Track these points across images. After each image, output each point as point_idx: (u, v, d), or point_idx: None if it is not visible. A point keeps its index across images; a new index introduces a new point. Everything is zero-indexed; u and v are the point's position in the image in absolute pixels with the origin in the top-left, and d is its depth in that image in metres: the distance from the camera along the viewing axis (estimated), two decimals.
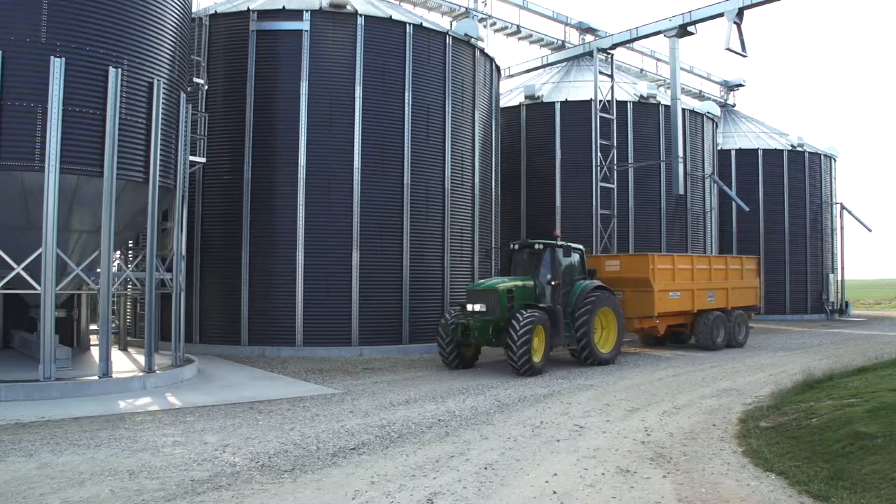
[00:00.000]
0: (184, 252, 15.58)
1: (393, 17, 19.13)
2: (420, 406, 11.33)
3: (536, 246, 16.53)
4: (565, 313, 16.08)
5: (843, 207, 38.79)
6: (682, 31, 24.79)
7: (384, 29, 18.92)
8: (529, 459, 8.02)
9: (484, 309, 15.18)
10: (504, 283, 15.66)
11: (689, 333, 21.29)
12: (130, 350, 17.04)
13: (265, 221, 18.08)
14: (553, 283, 16.11)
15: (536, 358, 14.71)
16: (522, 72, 31.81)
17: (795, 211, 35.59)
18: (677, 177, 25.55)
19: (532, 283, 16.06)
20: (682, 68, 28.53)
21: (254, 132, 18.18)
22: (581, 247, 17.60)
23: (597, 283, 17.03)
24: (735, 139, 36.68)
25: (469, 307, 15.43)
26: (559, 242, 16.69)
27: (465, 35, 20.84)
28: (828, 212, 37.30)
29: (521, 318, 14.43)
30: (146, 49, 13.38)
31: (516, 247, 17.08)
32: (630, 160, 26.24)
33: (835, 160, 38.54)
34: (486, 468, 7.64)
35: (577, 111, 26.36)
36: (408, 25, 19.17)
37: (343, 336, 18.00)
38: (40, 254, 11.81)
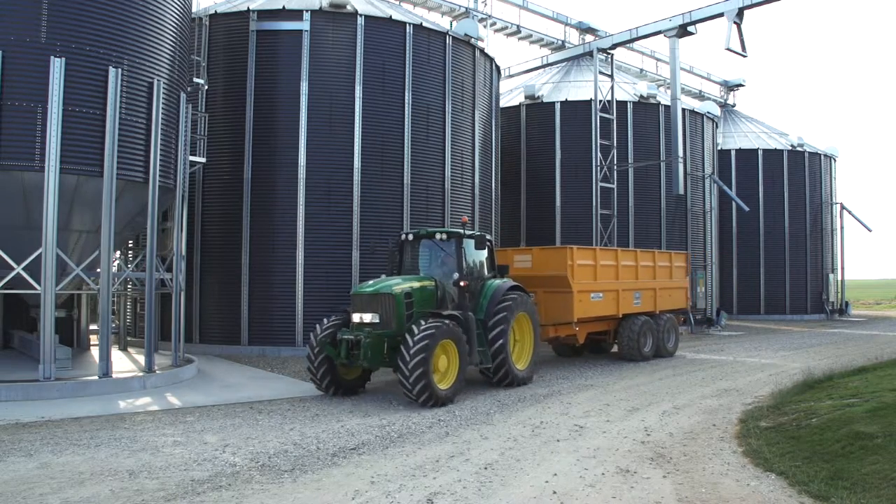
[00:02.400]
0: (184, 252, 15.58)
1: (393, 17, 19.13)
2: (420, 406, 11.32)
3: (439, 236, 13.09)
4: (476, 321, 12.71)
5: (843, 207, 38.80)
6: (682, 31, 24.80)
7: (384, 29, 18.92)
8: (529, 459, 8.02)
9: (377, 320, 11.66)
10: (400, 284, 12.12)
11: (611, 342, 18.01)
12: (130, 350, 17.04)
13: (265, 221, 18.07)
14: (462, 283, 12.57)
15: (444, 383, 11.36)
16: (522, 72, 31.81)
17: (795, 211, 35.59)
18: (677, 177, 25.55)
19: (432, 283, 12.60)
20: (682, 68, 28.55)
21: (254, 132, 18.17)
22: (490, 237, 14.44)
23: (510, 282, 13.72)
24: (735, 139, 36.68)
25: (356, 317, 11.85)
26: (469, 232, 13.29)
27: (465, 35, 20.84)
28: (828, 212, 37.29)
29: (415, 332, 10.92)
30: (146, 49, 13.38)
31: (410, 237, 13.61)
32: (630, 160, 26.24)
33: (835, 160, 38.55)
34: (486, 468, 7.64)
35: (577, 111, 26.37)
36: (408, 25, 19.17)
37: None
38: (40, 254, 11.82)
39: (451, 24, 25.15)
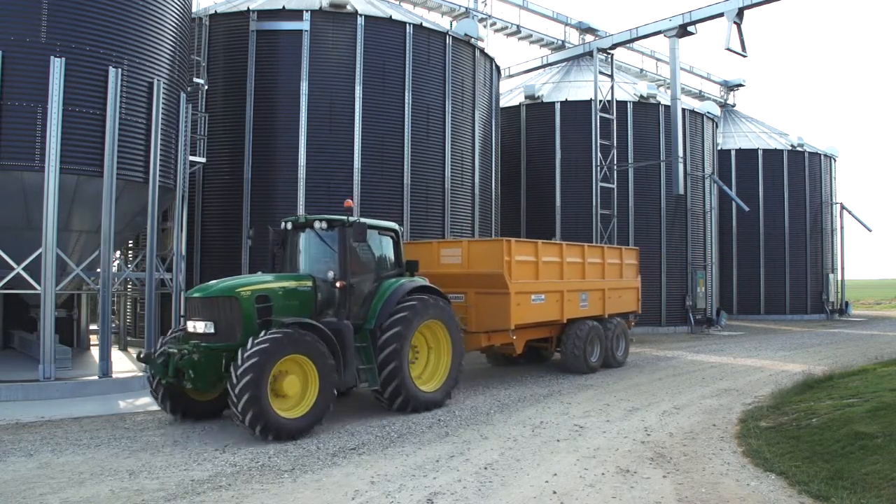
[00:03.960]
0: (184, 252, 15.59)
1: (393, 17, 19.13)
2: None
3: (318, 224, 10.63)
4: (362, 331, 10.44)
5: (843, 207, 38.81)
6: (682, 31, 24.79)
7: (384, 29, 18.91)
8: (529, 459, 8.02)
9: (211, 329, 9.37)
10: (252, 284, 9.87)
11: (553, 350, 15.77)
12: (130, 350, 17.04)
13: (265, 221, 18.02)
14: (339, 283, 10.22)
15: (296, 410, 9.04)
16: (522, 72, 31.81)
17: (795, 211, 35.59)
18: (677, 177, 25.55)
19: (309, 284, 10.26)
20: (682, 68, 28.54)
21: (254, 132, 18.17)
22: (394, 226, 11.81)
23: (418, 282, 11.38)
24: (735, 139, 36.69)
25: (189, 326, 9.60)
26: (353, 219, 10.52)
27: (465, 35, 20.84)
28: (828, 212, 37.29)
29: (247, 347, 8.69)
30: (146, 49, 13.38)
31: (290, 226, 11.22)
32: (630, 160, 26.24)
33: (835, 160, 38.56)
34: (486, 468, 7.64)
35: (577, 111, 26.36)
36: (408, 25, 19.17)
37: None
38: (40, 254, 11.82)
39: (451, 24, 25.14)
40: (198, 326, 9.48)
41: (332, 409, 9.38)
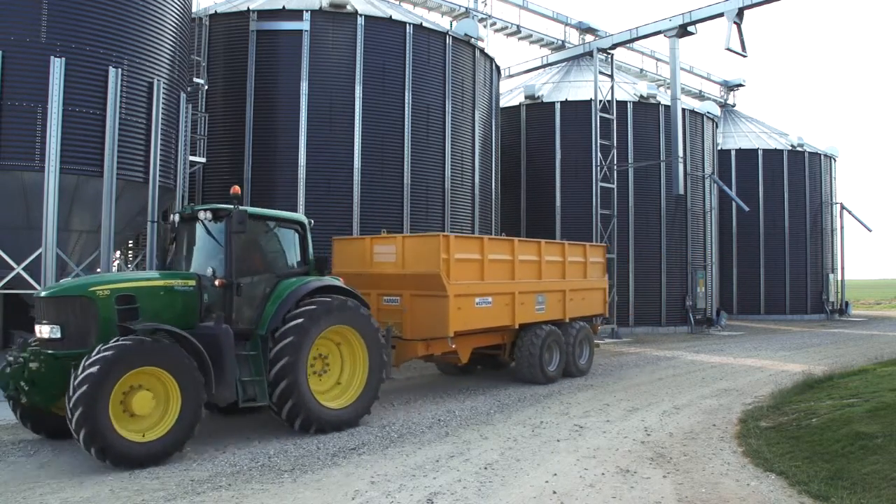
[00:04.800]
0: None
1: (393, 17, 19.13)
2: (420, 406, 11.33)
3: (203, 215, 9.45)
4: (253, 338, 9.16)
5: (843, 207, 38.80)
6: (682, 31, 24.78)
7: (384, 29, 18.91)
8: (529, 459, 8.02)
9: (57, 334, 8.10)
10: (115, 282, 8.66)
11: (507, 357, 14.19)
12: None
13: None
14: (218, 282, 8.95)
15: (153, 432, 7.82)
16: (522, 72, 31.80)
17: (795, 211, 35.58)
18: (677, 177, 25.55)
19: (191, 284, 8.98)
20: (682, 68, 28.53)
21: (254, 132, 18.16)
22: (300, 218, 10.51)
23: (326, 281, 9.97)
24: (735, 139, 36.68)
25: (37, 330, 8.37)
26: (241, 208, 9.02)
27: (465, 35, 20.84)
28: (828, 212, 37.28)
29: (90, 355, 7.56)
30: (146, 49, 13.38)
31: (177, 218, 9.94)
32: (630, 160, 26.23)
33: (835, 160, 38.56)
34: (485, 468, 7.64)
35: (577, 111, 26.35)
36: (408, 25, 19.17)
37: None
38: (40, 254, 11.83)
39: (451, 24, 25.14)
40: (43, 331, 8.17)
41: (196, 433, 8.09)
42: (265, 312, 9.27)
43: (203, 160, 16.82)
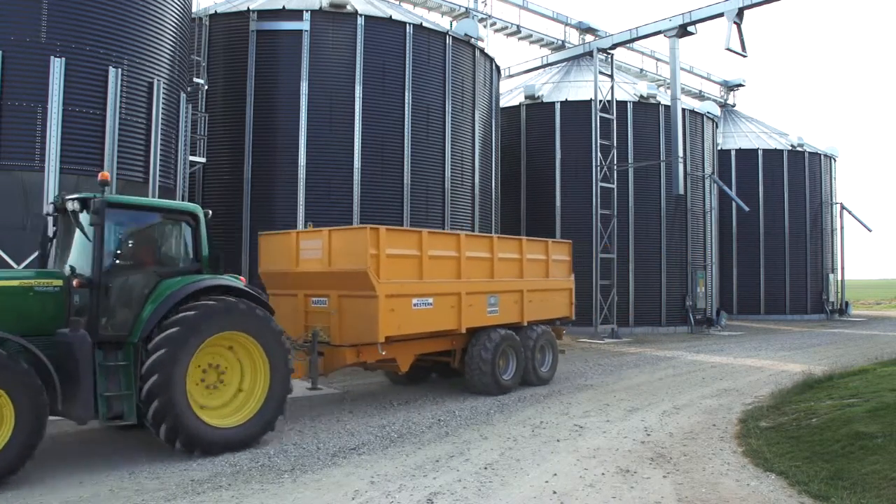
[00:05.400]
0: None
1: (393, 17, 19.13)
2: (420, 406, 11.33)
3: (70, 205, 8.28)
4: (126, 346, 7.93)
5: (843, 207, 38.81)
6: (682, 31, 24.79)
7: (384, 29, 18.91)
8: (529, 459, 8.02)
9: None
10: None
11: (457, 365, 12.63)
12: None
13: (265, 221, 18.03)
14: (75, 282, 7.76)
15: None
16: (522, 72, 31.80)
17: (795, 211, 35.59)
18: (677, 177, 25.55)
19: (55, 284, 7.81)
20: (682, 68, 28.53)
21: (254, 132, 18.17)
22: (190, 207, 9.21)
23: (219, 281, 8.68)
24: (735, 139, 36.69)
25: None
26: (104, 197, 7.95)
27: (465, 35, 20.85)
28: (828, 212, 37.29)
29: None
30: (146, 49, 13.39)
31: (51, 209, 8.91)
32: (630, 160, 26.23)
33: (835, 160, 38.56)
34: (485, 468, 7.64)
35: (577, 111, 26.35)
36: (408, 25, 19.17)
37: None
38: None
39: (451, 24, 25.14)
40: None
41: (32, 457, 7.00)
42: (139, 318, 8.01)
43: (203, 160, 16.83)
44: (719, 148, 33.97)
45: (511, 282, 13.27)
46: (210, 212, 9.41)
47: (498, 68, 23.35)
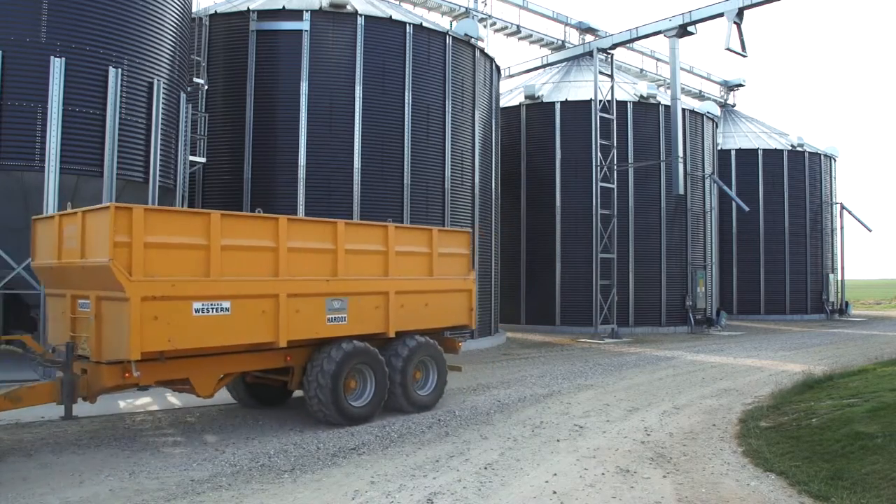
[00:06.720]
0: None
1: (393, 17, 19.13)
2: None
3: None
4: None
5: (843, 207, 38.82)
6: (682, 31, 24.79)
7: (384, 29, 18.92)
8: (529, 459, 8.02)
9: None
10: None
11: (294, 385, 10.08)
12: None
13: None
14: None
15: None
16: (522, 72, 31.81)
17: (795, 211, 35.60)
18: (677, 177, 25.54)
19: None
20: (682, 68, 28.54)
21: (254, 132, 18.17)
22: None
23: None
24: (735, 139, 36.69)
25: None
26: None
27: (465, 35, 20.85)
28: (828, 212, 37.31)
29: None
30: (146, 49, 13.40)
31: None
32: (630, 160, 26.23)
33: (835, 160, 38.57)
34: (485, 468, 7.64)
35: (577, 111, 26.36)
36: (408, 25, 19.17)
37: None
38: None
39: (451, 24, 25.15)
40: None
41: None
42: None
43: (203, 160, 16.83)
44: (719, 148, 33.98)
45: (369, 281, 10.44)
46: None
47: (498, 68, 23.35)
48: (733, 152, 35.48)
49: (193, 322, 8.34)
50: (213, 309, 8.56)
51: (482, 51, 21.77)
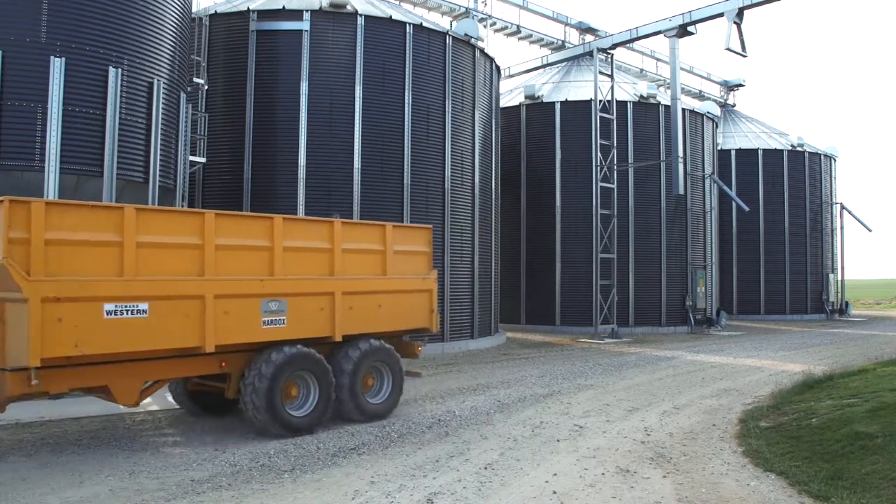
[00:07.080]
0: None
1: (393, 17, 19.13)
2: (420, 406, 11.33)
3: None
4: None
5: (843, 207, 38.83)
6: (682, 31, 24.79)
7: (384, 29, 18.92)
8: (529, 459, 8.02)
9: None
10: None
11: (232, 394, 9.25)
12: None
13: None
14: None
15: None
16: (522, 72, 31.82)
17: (795, 211, 35.61)
18: (677, 177, 25.54)
19: None
20: (682, 68, 28.54)
21: (254, 132, 18.18)
22: None
23: None
24: (735, 139, 36.70)
25: None
26: None
27: (465, 35, 20.85)
28: (828, 212, 37.32)
29: None
30: (146, 49, 13.39)
31: None
32: (630, 160, 26.24)
33: (835, 160, 38.58)
34: (485, 468, 7.64)
35: (577, 111, 26.36)
36: (408, 25, 19.17)
37: None
38: None
39: (451, 24, 25.15)
40: None
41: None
42: None
43: (203, 160, 16.83)
44: (719, 148, 33.99)
45: (312, 281, 9.82)
46: None
47: (498, 68, 23.35)
48: (733, 152, 35.49)
49: (105, 325, 7.66)
50: (127, 311, 7.89)
51: (482, 51, 21.77)
